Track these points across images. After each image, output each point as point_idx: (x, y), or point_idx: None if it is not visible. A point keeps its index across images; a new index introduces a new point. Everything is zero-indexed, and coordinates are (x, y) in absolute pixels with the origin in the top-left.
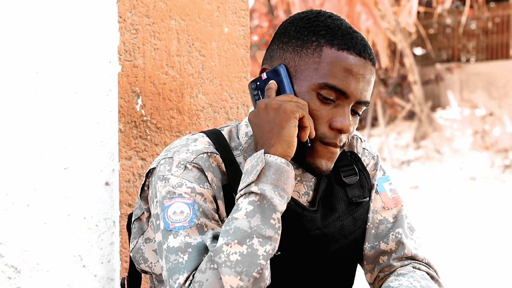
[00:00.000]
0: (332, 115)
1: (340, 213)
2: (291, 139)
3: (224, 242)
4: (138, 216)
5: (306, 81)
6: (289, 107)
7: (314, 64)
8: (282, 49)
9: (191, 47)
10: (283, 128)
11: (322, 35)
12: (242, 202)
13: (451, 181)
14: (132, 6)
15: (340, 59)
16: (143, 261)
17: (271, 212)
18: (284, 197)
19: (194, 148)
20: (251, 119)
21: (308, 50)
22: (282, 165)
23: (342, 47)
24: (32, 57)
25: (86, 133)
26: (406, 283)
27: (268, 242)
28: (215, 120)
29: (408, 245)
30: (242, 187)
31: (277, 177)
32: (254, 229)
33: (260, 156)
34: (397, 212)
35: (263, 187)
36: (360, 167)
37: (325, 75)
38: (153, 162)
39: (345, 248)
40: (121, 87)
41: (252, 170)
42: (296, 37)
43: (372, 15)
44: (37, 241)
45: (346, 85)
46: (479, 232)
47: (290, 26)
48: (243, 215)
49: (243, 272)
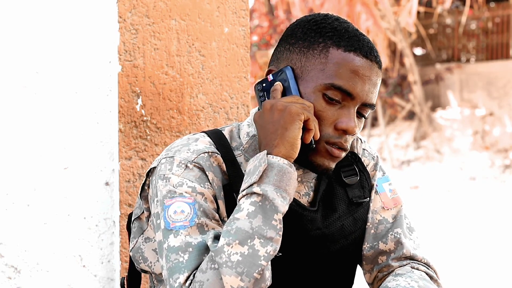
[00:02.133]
0: (337, 116)
1: (341, 213)
2: (294, 141)
3: (225, 242)
4: (138, 216)
5: (312, 82)
6: (294, 109)
7: (321, 65)
8: (289, 51)
9: (191, 47)
10: (287, 130)
11: (329, 37)
12: (244, 203)
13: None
14: (132, 6)
15: (346, 60)
16: (142, 260)
17: (272, 213)
18: (286, 198)
19: (195, 148)
20: (256, 119)
21: (314, 51)
22: (284, 166)
23: (349, 48)
24: (32, 57)
25: (86, 133)
26: (404, 284)
27: (269, 243)
28: (215, 120)
29: (406, 245)
30: (244, 187)
31: (279, 178)
32: (256, 229)
33: (263, 157)
34: (397, 212)
35: (265, 188)
36: (361, 168)
37: (331, 75)
38: (153, 161)
39: (345, 248)
40: (121, 87)
41: (254, 171)
42: (303, 39)
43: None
44: (37, 241)
45: (352, 86)
46: (479, 232)
47: (297, 28)
48: (245, 216)
49: (244, 272)
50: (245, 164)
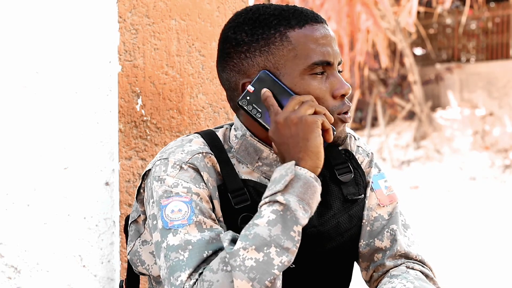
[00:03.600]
0: (330, 86)
1: (336, 210)
2: (318, 149)
3: (241, 246)
4: (134, 219)
5: (293, 72)
6: (310, 119)
7: (291, 52)
8: (248, 58)
9: (191, 47)
10: (308, 140)
11: (277, 24)
12: (265, 210)
13: (451, 181)
14: (132, 6)
15: (308, 35)
16: (140, 263)
17: (292, 224)
18: (307, 212)
19: (189, 149)
20: (272, 136)
21: (276, 44)
22: (310, 180)
23: (301, 23)
24: (32, 57)
25: (86, 133)
26: (400, 286)
27: (285, 253)
28: (215, 120)
29: (400, 242)
30: (267, 194)
31: (304, 190)
32: (274, 238)
33: (290, 166)
34: (392, 209)
35: (288, 198)
36: (355, 165)
37: (306, 56)
38: (148, 164)
39: (341, 246)
40: (121, 87)
41: (280, 180)
42: (255, 40)
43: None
44: (37, 241)
45: (327, 53)
46: (479, 232)
47: (237, 35)
48: (265, 223)
49: (256, 279)
50: (237, 166)
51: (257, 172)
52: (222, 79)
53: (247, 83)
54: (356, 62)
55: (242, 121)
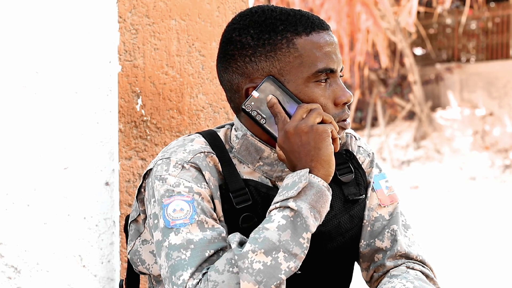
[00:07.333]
0: (332, 94)
1: (337, 211)
2: (330, 158)
3: (250, 249)
4: (134, 218)
5: (298, 79)
6: (321, 128)
7: (297, 59)
8: (253, 62)
9: (191, 47)
10: (320, 150)
11: (284, 29)
12: (275, 214)
13: (451, 181)
14: (132, 6)
15: (314, 42)
16: (140, 263)
17: (302, 231)
18: (317, 220)
19: (191, 148)
20: (281, 144)
21: (282, 50)
22: (323, 189)
23: (307, 30)
24: (32, 57)
25: (86, 133)
26: (399, 286)
27: (292, 259)
28: (215, 120)
29: (401, 242)
30: (278, 199)
31: (316, 198)
32: (283, 243)
33: (304, 173)
34: (393, 209)
35: (301, 204)
36: (356, 165)
37: (312, 63)
38: (150, 163)
39: (342, 246)
40: (121, 87)
41: (293, 186)
42: (260, 44)
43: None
44: (37, 241)
45: (331, 61)
46: (479, 232)
47: (242, 38)
48: (275, 227)
49: (263, 282)
50: (239, 166)
51: (258, 172)
52: (223, 80)
53: (251, 88)
54: (356, 62)
55: (243, 122)
